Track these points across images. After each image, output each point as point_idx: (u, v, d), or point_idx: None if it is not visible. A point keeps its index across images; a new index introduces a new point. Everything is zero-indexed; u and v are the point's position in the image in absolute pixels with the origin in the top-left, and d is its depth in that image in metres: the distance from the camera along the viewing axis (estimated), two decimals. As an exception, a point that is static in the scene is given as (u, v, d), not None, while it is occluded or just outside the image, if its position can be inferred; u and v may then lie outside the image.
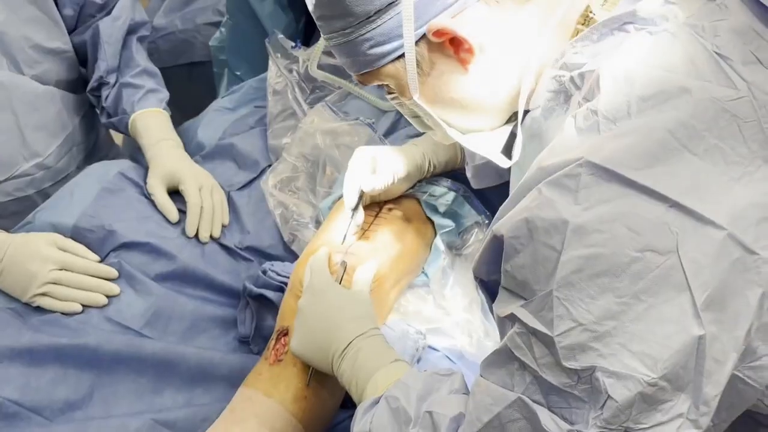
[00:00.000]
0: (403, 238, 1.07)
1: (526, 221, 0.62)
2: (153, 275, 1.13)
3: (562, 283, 0.60)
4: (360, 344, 0.85)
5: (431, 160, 1.13)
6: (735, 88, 0.62)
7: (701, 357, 0.58)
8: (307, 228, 1.19)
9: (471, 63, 0.74)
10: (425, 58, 0.75)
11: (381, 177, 1.04)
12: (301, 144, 1.24)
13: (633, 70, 0.64)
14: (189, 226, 1.18)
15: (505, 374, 0.65)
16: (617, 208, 0.59)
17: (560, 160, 0.63)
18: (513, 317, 0.64)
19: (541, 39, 0.74)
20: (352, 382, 0.83)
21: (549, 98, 0.73)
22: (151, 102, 1.35)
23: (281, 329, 0.98)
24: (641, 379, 0.58)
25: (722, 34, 0.65)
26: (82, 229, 1.13)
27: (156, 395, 1.00)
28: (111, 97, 1.34)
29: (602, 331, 0.59)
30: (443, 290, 1.13)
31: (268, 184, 1.23)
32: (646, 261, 0.58)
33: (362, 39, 0.74)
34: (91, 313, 1.06)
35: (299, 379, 0.93)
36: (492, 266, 0.69)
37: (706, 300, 0.58)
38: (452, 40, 0.72)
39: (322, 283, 0.93)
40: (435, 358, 1.05)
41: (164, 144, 1.28)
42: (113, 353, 1.01)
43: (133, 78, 1.36)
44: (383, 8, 0.71)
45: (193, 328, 1.10)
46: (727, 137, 0.61)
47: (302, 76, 1.35)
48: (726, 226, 0.58)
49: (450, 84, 0.76)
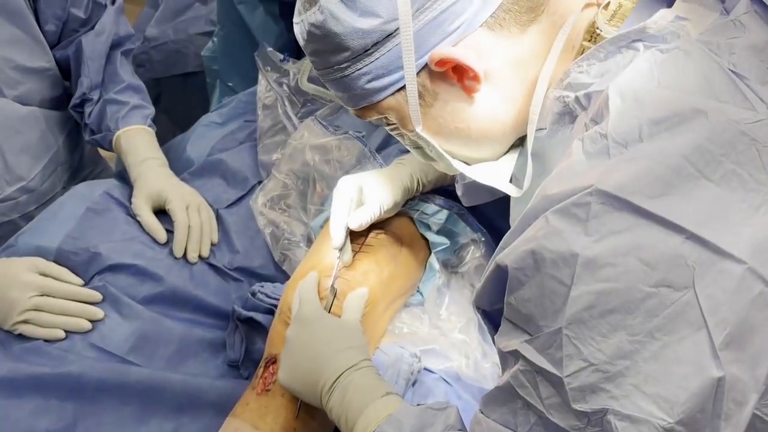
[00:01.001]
0: (396, 258, 1.04)
1: (533, 252, 0.59)
2: (140, 298, 1.10)
3: (572, 320, 0.57)
4: (349, 377, 0.82)
5: (420, 179, 1.09)
6: (754, 109, 0.59)
7: (720, 399, 0.55)
8: (299, 247, 1.16)
9: (476, 91, 0.71)
10: (427, 88, 0.71)
11: (367, 211, 1.00)
12: (290, 160, 1.21)
13: (643, 91, 0.61)
14: (176, 247, 1.16)
15: (507, 412, 0.63)
16: (630, 240, 0.56)
17: (569, 188, 0.59)
18: (517, 354, 0.61)
19: (548, 61, 0.70)
20: (342, 418, 0.80)
21: (553, 120, 0.70)
22: (136, 119, 1.32)
23: (269, 357, 0.94)
24: (657, 424, 0.55)
25: (738, 51, 0.62)
26: (66, 252, 1.10)
27: (142, 424, 0.97)
28: (94, 113, 1.32)
29: (614, 372, 0.56)
30: (439, 310, 1.11)
31: (258, 203, 1.20)
32: (660, 297, 0.55)
33: (360, 73, 0.70)
34: (75, 339, 1.03)
35: (288, 410, 0.90)
36: (495, 297, 0.66)
37: (725, 339, 0.55)
38: (455, 68, 0.69)
39: (311, 313, 0.90)
40: (431, 381, 1.02)
41: (150, 163, 1.25)
42: (97, 381, 0.97)
43: (117, 94, 1.33)
44: (381, 40, 0.68)
45: (180, 352, 1.07)
46: (745, 163, 0.57)
47: (293, 89, 1.32)
48: (746, 259, 0.55)
49: (455, 114, 0.73)
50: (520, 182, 0.77)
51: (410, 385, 1.00)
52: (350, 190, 1.01)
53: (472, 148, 0.78)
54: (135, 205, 1.19)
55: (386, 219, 1.07)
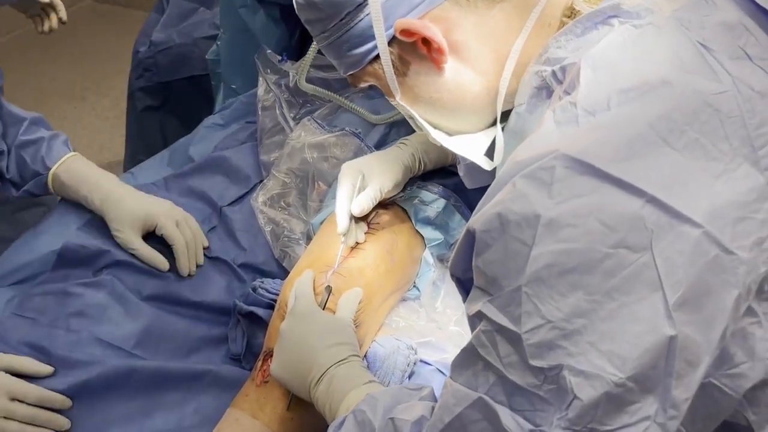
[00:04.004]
0: (392, 253, 1.06)
1: (499, 215, 0.60)
2: (145, 294, 1.13)
3: (531, 278, 0.58)
4: (335, 371, 0.85)
5: (421, 158, 1.12)
6: (719, 81, 0.60)
7: (672, 358, 0.56)
8: (299, 244, 1.18)
9: (444, 63, 0.73)
10: (401, 58, 0.75)
11: (367, 196, 1.04)
12: (289, 159, 1.23)
13: (614, 62, 0.62)
14: (183, 268, 1.15)
15: (470, 375, 0.63)
16: (591, 202, 0.57)
17: (536, 153, 0.60)
18: (480, 314, 0.62)
19: (519, 36, 0.72)
20: (326, 406, 0.83)
21: (532, 94, 0.72)
22: (61, 150, 1.20)
23: (268, 350, 0.97)
24: (608, 379, 0.56)
25: (709, 27, 0.63)
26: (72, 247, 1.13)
27: (147, 418, 1.00)
28: (11, 165, 1.18)
29: (571, 329, 0.57)
30: (434, 303, 1.13)
31: (258, 201, 1.22)
32: (619, 258, 0.56)
33: (340, 41, 0.76)
34: (82, 334, 1.05)
35: (285, 401, 0.93)
36: (467, 263, 0.66)
37: (679, 300, 0.56)
38: (424, 41, 0.72)
39: (305, 308, 0.93)
40: (427, 372, 1.04)
41: (110, 187, 1.17)
42: (104, 379, 1.00)
43: (25, 134, 1.19)
44: (353, 10, 0.72)
45: (184, 346, 1.09)
46: (708, 132, 0.59)
47: (292, 90, 1.34)
48: (703, 223, 0.56)
49: (427, 85, 0.76)
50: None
51: (406, 376, 1.02)
52: (352, 176, 1.05)
53: (449, 118, 0.80)
54: (123, 239, 1.13)
55: (384, 214, 1.10)
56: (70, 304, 1.08)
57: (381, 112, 1.32)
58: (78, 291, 1.09)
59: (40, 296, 1.08)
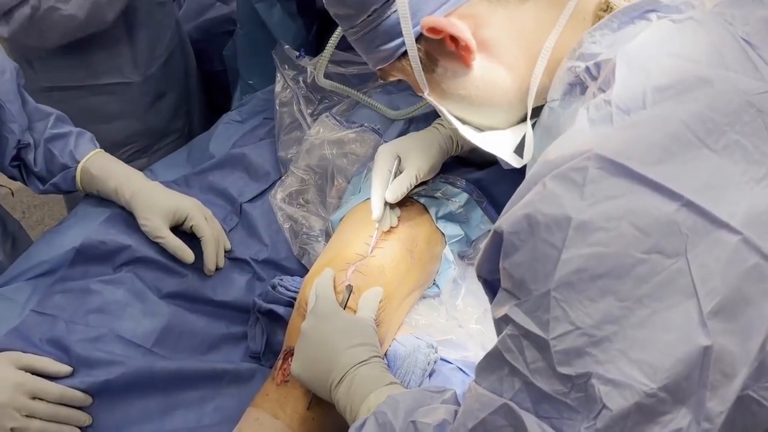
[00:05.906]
0: (412, 251, 1.05)
1: (527, 216, 0.58)
2: (165, 292, 1.13)
3: (560, 282, 0.56)
4: (357, 372, 0.84)
5: (458, 141, 1.12)
6: (764, 80, 0.58)
7: (706, 369, 0.53)
8: (317, 241, 1.18)
9: (472, 60, 0.72)
10: (429, 55, 0.74)
11: (403, 182, 1.04)
12: (308, 156, 1.23)
13: (651, 59, 0.60)
14: (210, 263, 1.14)
15: (495, 380, 0.61)
16: (624, 205, 0.55)
17: (568, 153, 0.58)
18: (507, 318, 0.60)
19: (552, 32, 0.71)
20: (347, 408, 0.82)
21: (566, 90, 0.70)
22: (88, 145, 1.21)
23: (288, 349, 0.97)
24: (639, 389, 0.53)
25: (753, 23, 0.61)
26: (91, 243, 1.13)
27: (166, 416, 1.00)
28: (40, 159, 1.19)
29: (601, 336, 0.55)
30: (455, 301, 1.12)
31: (276, 198, 1.22)
32: (652, 263, 0.54)
33: (369, 37, 0.75)
34: (102, 330, 1.05)
35: (306, 400, 0.93)
36: (494, 265, 0.64)
37: (715, 308, 0.53)
38: (452, 38, 0.71)
39: (326, 308, 0.92)
40: (447, 371, 1.03)
41: (139, 181, 1.18)
42: (125, 379, 1.00)
43: (53, 128, 1.20)
44: (380, 7, 0.72)
45: (203, 344, 1.10)
46: (750, 134, 0.56)
47: (309, 86, 1.33)
48: (742, 229, 0.54)
49: (456, 81, 0.75)
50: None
51: (427, 375, 1.01)
52: (388, 160, 1.05)
53: (479, 115, 0.79)
54: (152, 227, 1.13)
55: (405, 211, 1.10)
56: (89, 301, 1.08)
57: (399, 108, 1.30)
58: (97, 288, 1.09)
59: (60, 294, 1.08)
